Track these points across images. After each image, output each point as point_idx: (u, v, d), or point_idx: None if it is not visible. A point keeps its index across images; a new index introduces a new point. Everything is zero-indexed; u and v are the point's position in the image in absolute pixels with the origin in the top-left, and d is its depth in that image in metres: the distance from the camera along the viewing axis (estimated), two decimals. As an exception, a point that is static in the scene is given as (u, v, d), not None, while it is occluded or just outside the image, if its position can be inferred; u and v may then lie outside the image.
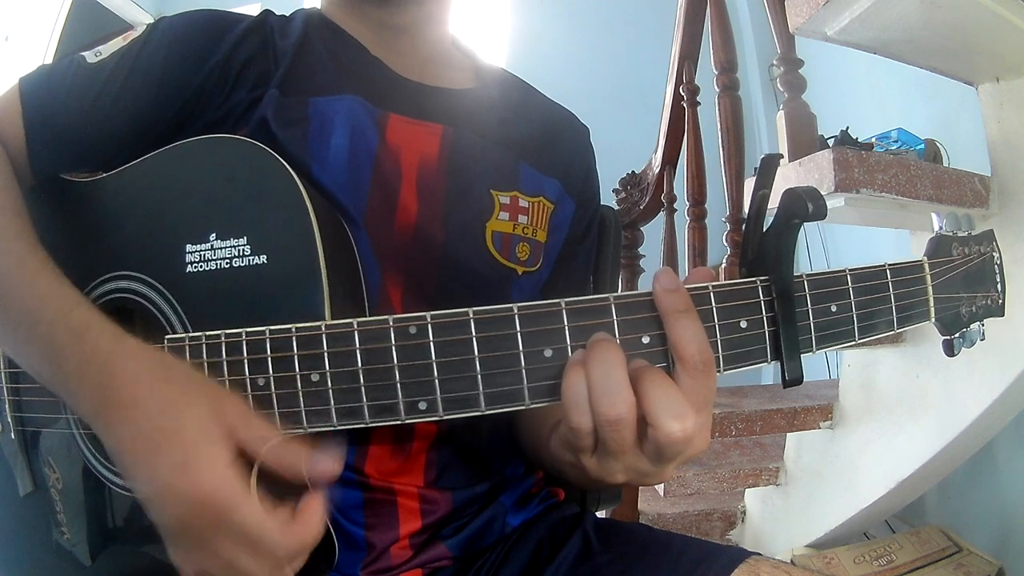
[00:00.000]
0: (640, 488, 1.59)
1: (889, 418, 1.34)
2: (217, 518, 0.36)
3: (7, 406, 0.56)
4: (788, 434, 1.54)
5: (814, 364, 0.46)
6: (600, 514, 0.79)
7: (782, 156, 0.62)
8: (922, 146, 1.41)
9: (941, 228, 0.51)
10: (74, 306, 0.44)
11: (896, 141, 1.39)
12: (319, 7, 0.67)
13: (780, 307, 0.40)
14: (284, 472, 0.38)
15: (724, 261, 1.45)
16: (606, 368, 0.37)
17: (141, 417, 0.38)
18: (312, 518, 0.39)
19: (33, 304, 0.44)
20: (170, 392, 0.39)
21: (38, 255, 0.47)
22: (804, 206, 0.38)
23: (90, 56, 0.56)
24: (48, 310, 0.43)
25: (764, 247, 0.41)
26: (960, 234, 0.51)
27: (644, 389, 0.37)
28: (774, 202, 0.41)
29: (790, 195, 0.39)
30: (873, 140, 1.40)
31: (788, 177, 1.13)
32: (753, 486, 1.60)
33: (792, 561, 1.43)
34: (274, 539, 0.37)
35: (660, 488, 1.54)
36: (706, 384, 0.38)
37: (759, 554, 0.55)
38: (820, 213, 0.38)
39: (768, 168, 0.41)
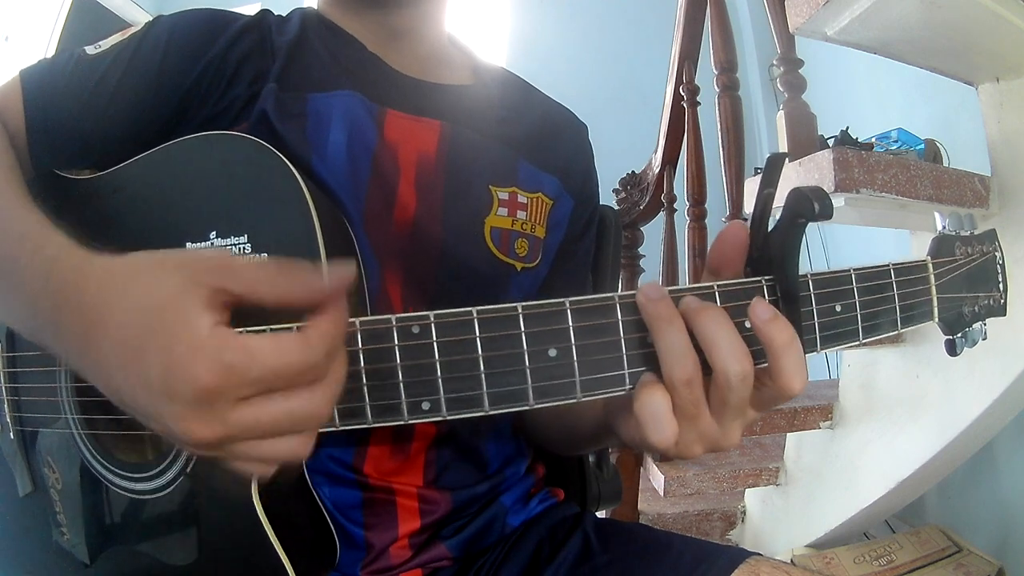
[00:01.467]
0: (640, 488, 1.60)
1: (889, 418, 1.35)
2: (235, 396, 0.32)
3: (6, 406, 0.56)
4: (788, 434, 1.54)
5: (814, 364, 0.46)
6: (600, 514, 0.79)
7: (787, 155, 0.62)
8: (922, 146, 1.41)
9: (944, 228, 0.51)
10: (45, 242, 0.41)
11: (896, 141, 1.39)
12: (316, 6, 0.67)
13: (785, 307, 0.40)
14: (289, 301, 0.34)
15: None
16: (673, 330, 0.37)
17: (115, 333, 0.34)
18: (327, 313, 0.34)
19: (13, 246, 0.42)
20: (138, 291, 0.34)
21: (17, 196, 0.46)
22: (811, 206, 0.38)
23: (90, 49, 0.57)
24: (23, 253, 0.41)
25: (769, 247, 0.41)
26: (963, 234, 0.51)
27: (702, 329, 0.37)
28: (779, 200, 0.41)
29: (796, 194, 0.39)
30: (873, 140, 1.40)
31: (788, 177, 1.12)
32: (753, 486, 1.60)
33: (792, 561, 1.43)
34: (300, 356, 0.33)
35: (660, 488, 1.54)
36: (690, 399, 0.38)
37: (759, 554, 0.55)
38: (827, 213, 0.38)
39: (773, 167, 0.41)
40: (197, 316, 0.32)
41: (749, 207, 1.43)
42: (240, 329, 0.34)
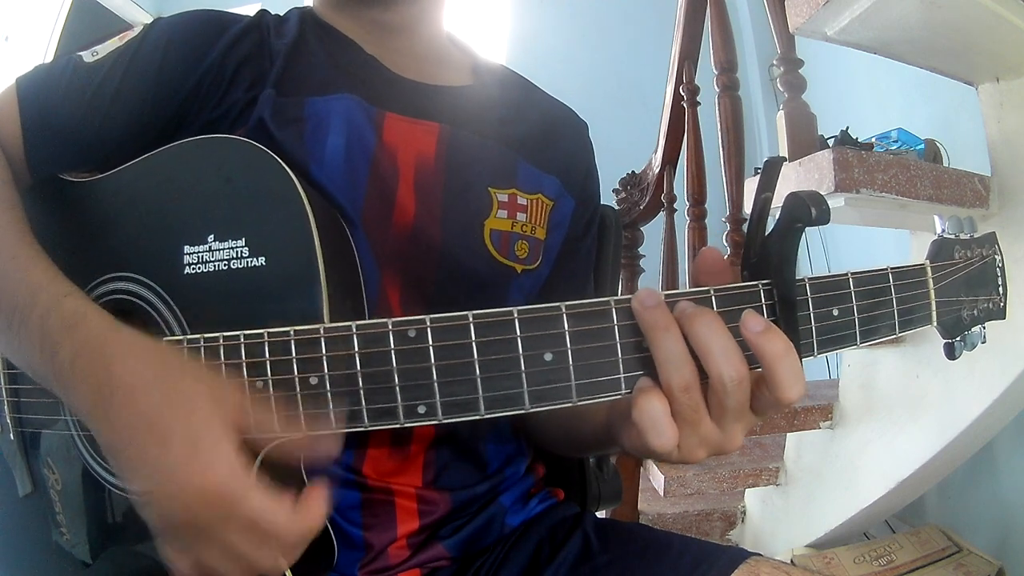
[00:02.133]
0: (640, 488, 1.60)
1: (889, 418, 1.35)
2: (227, 508, 0.36)
3: (6, 407, 0.56)
4: (788, 434, 1.54)
5: (814, 364, 0.46)
6: (600, 514, 0.79)
7: (785, 159, 0.62)
8: (922, 146, 1.41)
9: (943, 231, 0.51)
10: (66, 295, 0.43)
11: (896, 141, 1.39)
12: (311, 6, 0.67)
13: (782, 311, 0.40)
14: (284, 460, 0.39)
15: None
16: (672, 349, 0.38)
17: (141, 406, 0.37)
18: (316, 504, 0.39)
19: (26, 296, 0.43)
20: (171, 381, 0.38)
21: (31, 248, 0.47)
22: (807, 211, 0.38)
23: (87, 56, 0.56)
24: (41, 301, 0.42)
25: (766, 250, 0.41)
26: (962, 237, 0.51)
27: (695, 332, 0.38)
28: (777, 203, 0.41)
29: (794, 199, 0.39)
30: (873, 140, 1.40)
31: (788, 177, 1.12)
32: (753, 486, 1.60)
33: (792, 561, 1.43)
34: (281, 525, 0.37)
35: (660, 488, 1.54)
36: (689, 404, 0.38)
37: (759, 554, 0.55)
38: (823, 218, 0.38)
39: (771, 171, 0.41)
40: (226, 427, 0.37)
41: (749, 207, 1.43)
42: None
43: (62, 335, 0.41)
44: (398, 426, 0.39)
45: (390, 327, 0.38)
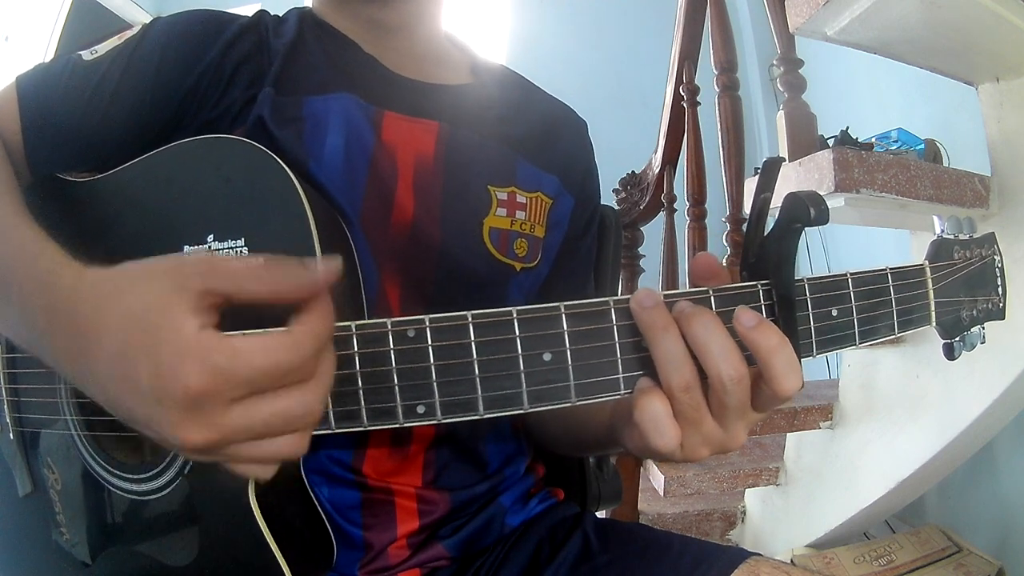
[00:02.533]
0: (640, 488, 1.60)
1: (889, 418, 1.34)
2: (225, 399, 0.32)
3: (6, 407, 0.56)
4: (788, 434, 1.54)
5: (814, 364, 0.46)
6: (600, 514, 0.79)
7: (784, 159, 0.62)
8: (922, 146, 1.41)
9: (942, 231, 0.51)
10: (39, 253, 0.41)
11: (896, 141, 1.39)
12: (310, 6, 0.67)
13: (781, 311, 0.40)
14: (278, 297, 0.34)
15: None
16: (671, 351, 0.38)
17: (109, 344, 0.34)
18: (312, 310, 0.34)
19: (8, 259, 0.42)
20: (127, 299, 0.34)
21: (15, 211, 0.46)
22: (806, 211, 0.38)
23: (86, 55, 0.56)
24: (19, 265, 0.41)
25: (765, 251, 0.41)
26: (961, 237, 0.51)
27: (693, 332, 0.38)
28: (777, 203, 0.41)
29: (792, 199, 0.39)
30: (873, 140, 1.40)
31: (788, 177, 1.12)
32: (753, 486, 1.60)
33: (792, 561, 1.43)
34: (289, 355, 0.33)
35: (660, 488, 1.54)
36: (690, 404, 0.38)
37: (759, 554, 0.55)
38: (822, 218, 0.38)
39: (770, 172, 0.41)
40: (183, 320, 0.32)
41: (748, 207, 1.43)
42: (229, 333, 0.34)
43: (37, 300, 0.39)
44: (397, 426, 0.39)
45: (389, 327, 0.38)
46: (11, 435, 0.56)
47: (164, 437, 0.34)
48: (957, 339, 0.50)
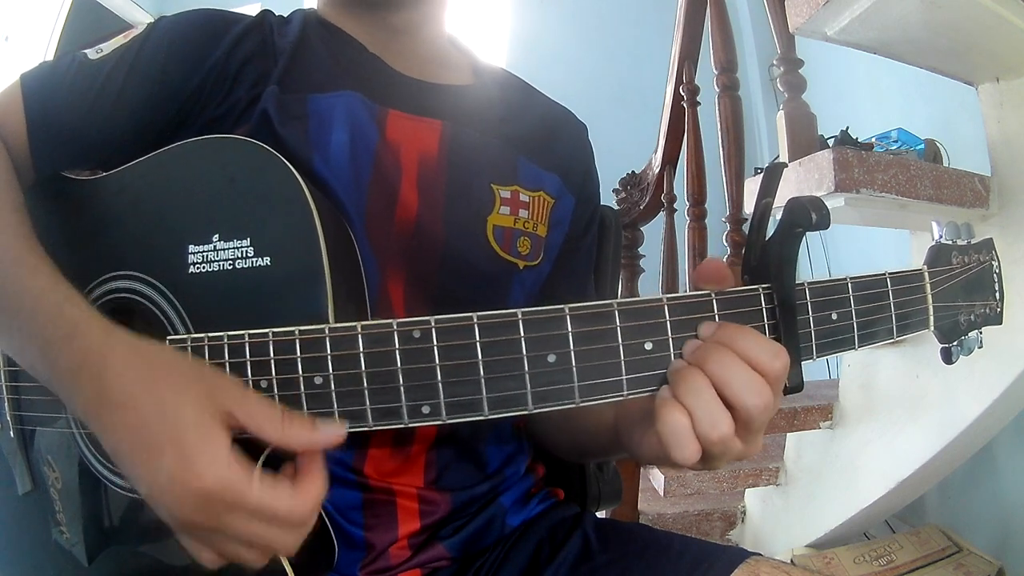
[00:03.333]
0: (640, 488, 1.60)
1: (889, 418, 1.35)
2: (230, 504, 0.37)
3: (6, 405, 0.56)
4: (788, 434, 1.55)
5: (814, 364, 0.47)
6: (600, 514, 0.79)
7: (786, 164, 0.63)
8: (922, 146, 1.41)
9: (941, 237, 0.51)
10: (65, 302, 0.43)
11: (896, 141, 1.40)
12: (315, 7, 0.67)
13: (781, 315, 0.40)
14: (289, 446, 0.39)
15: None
16: (697, 392, 0.38)
17: (134, 418, 0.38)
18: (315, 476, 0.40)
19: (29, 301, 0.44)
20: (161, 388, 0.39)
21: (36, 252, 0.47)
22: (808, 216, 0.39)
23: (91, 53, 0.56)
24: (43, 308, 0.43)
25: (767, 255, 0.41)
26: (960, 243, 0.51)
27: (714, 371, 0.38)
28: (778, 204, 0.41)
29: (794, 204, 0.39)
30: (873, 140, 1.41)
31: (788, 178, 1.13)
32: (753, 486, 1.60)
33: (792, 561, 1.43)
34: (287, 507, 0.38)
35: (660, 488, 1.54)
36: (724, 444, 0.39)
37: (759, 554, 0.55)
38: (823, 223, 0.39)
39: (772, 177, 0.41)
40: (218, 433, 0.38)
41: (749, 207, 1.44)
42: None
43: (62, 345, 0.41)
44: (402, 426, 0.39)
45: (395, 328, 0.38)
46: (11, 433, 0.56)
47: (160, 508, 0.38)
48: (955, 344, 0.51)
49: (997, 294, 0.53)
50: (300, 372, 0.40)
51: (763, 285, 0.41)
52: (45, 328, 0.42)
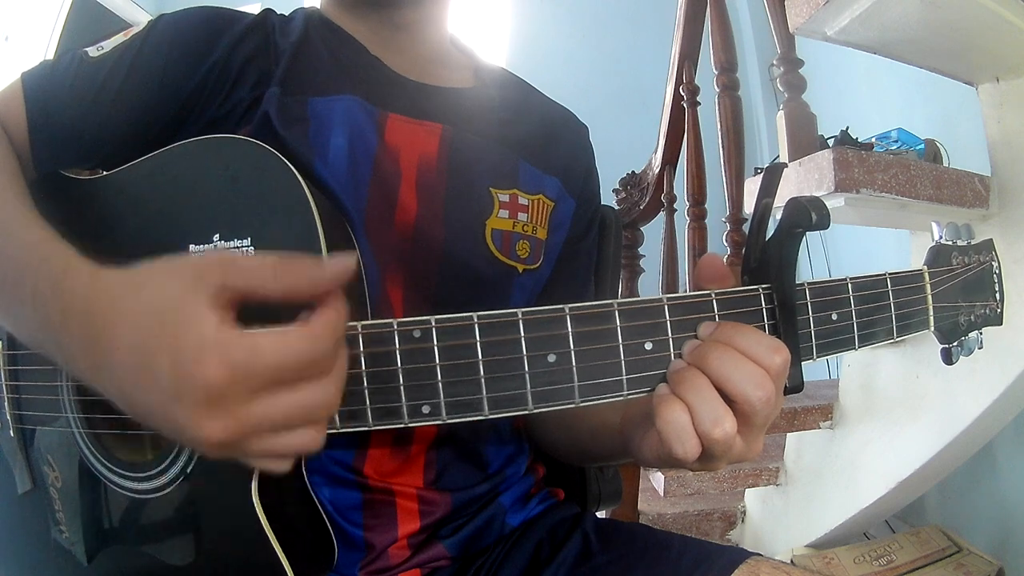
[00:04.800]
0: (640, 488, 1.60)
1: (889, 418, 1.35)
2: (244, 386, 0.33)
3: (7, 404, 0.56)
4: (788, 434, 1.55)
5: (814, 364, 0.47)
6: (600, 514, 0.79)
7: (786, 165, 0.63)
8: (922, 146, 1.41)
9: (941, 237, 0.51)
10: (52, 253, 0.41)
11: (896, 141, 1.39)
12: (318, 6, 0.67)
13: (781, 315, 0.40)
14: (298, 293, 0.35)
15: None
16: (698, 389, 0.38)
17: (125, 339, 0.34)
18: (329, 306, 0.35)
19: (20, 257, 0.42)
20: (146, 294, 0.35)
21: (25, 208, 0.46)
22: (808, 216, 0.39)
23: (92, 51, 0.56)
24: (33, 263, 0.41)
25: (766, 255, 0.41)
26: (960, 243, 0.52)
27: (714, 368, 0.38)
28: (778, 205, 0.41)
29: (794, 205, 0.39)
30: (873, 140, 1.40)
31: (788, 177, 1.13)
32: (753, 486, 1.60)
33: (792, 561, 1.43)
34: (308, 348, 0.33)
35: (660, 488, 1.54)
36: (725, 443, 0.38)
37: (759, 554, 0.55)
38: (823, 223, 0.39)
39: (772, 177, 0.41)
40: (202, 315, 0.33)
41: (749, 207, 1.44)
42: (248, 331, 0.34)
43: (50, 297, 0.39)
44: (402, 426, 0.39)
45: (395, 327, 0.38)
46: (11, 432, 0.57)
47: (183, 433, 0.34)
48: (955, 344, 0.51)
49: (997, 295, 0.53)
50: (300, 371, 0.40)
51: (763, 285, 0.41)
52: (35, 282, 0.40)
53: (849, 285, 0.43)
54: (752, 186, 1.43)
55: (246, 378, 0.32)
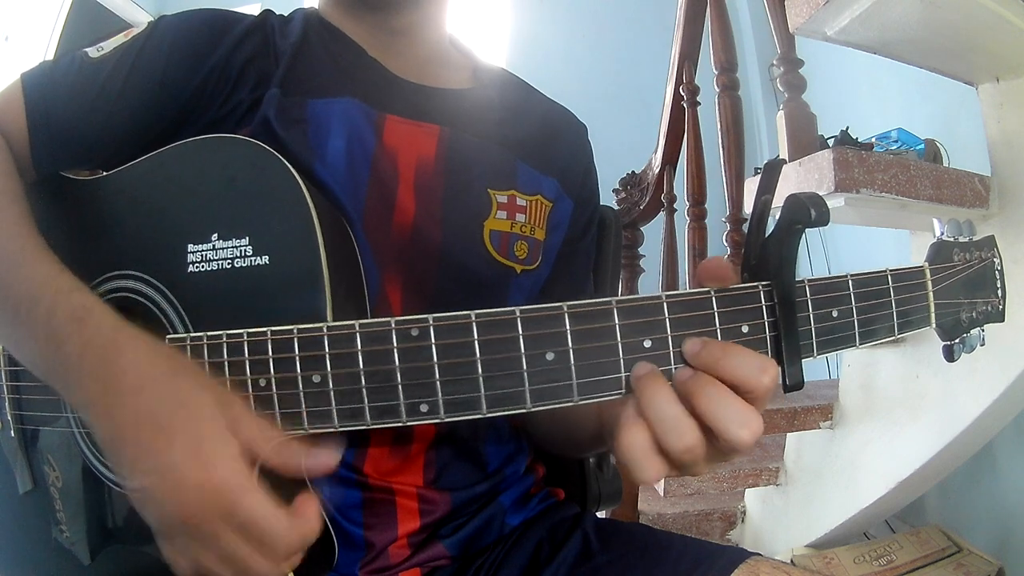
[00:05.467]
0: (640, 488, 1.60)
1: (889, 418, 1.35)
2: (225, 508, 0.36)
3: (7, 404, 0.56)
4: (788, 434, 1.55)
5: (814, 364, 0.46)
6: (600, 514, 0.79)
7: (785, 161, 0.63)
8: (922, 146, 1.41)
9: (942, 234, 0.51)
10: (74, 290, 0.43)
11: (896, 141, 1.39)
12: (316, 7, 0.67)
13: (781, 312, 0.40)
14: (284, 469, 0.38)
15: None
16: (662, 405, 0.37)
17: (149, 403, 0.37)
18: (311, 513, 0.39)
19: (33, 288, 0.43)
20: (178, 381, 0.38)
21: (37, 241, 0.47)
22: (807, 212, 0.38)
23: (92, 52, 0.56)
24: (48, 293, 0.43)
25: (766, 252, 0.41)
26: (961, 240, 0.51)
27: (704, 406, 0.37)
28: (777, 204, 0.41)
29: (793, 201, 0.39)
30: (873, 140, 1.40)
31: (788, 177, 1.13)
32: (753, 486, 1.60)
33: (792, 561, 1.43)
34: (279, 531, 0.37)
35: (660, 488, 1.54)
36: (690, 459, 0.38)
37: (759, 554, 0.55)
38: (823, 219, 0.38)
39: (771, 174, 0.41)
40: (231, 438, 0.37)
41: (749, 207, 1.43)
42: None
43: (69, 329, 0.41)
44: (400, 424, 0.39)
45: (393, 326, 0.38)
46: (12, 432, 0.57)
47: (155, 496, 0.37)
48: (957, 341, 0.50)
49: (999, 291, 0.53)
50: (299, 371, 0.40)
51: (763, 282, 0.41)
52: (50, 314, 0.42)
53: (850, 282, 0.43)
54: (752, 186, 1.43)
55: (233, 505, 0.36)
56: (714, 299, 0.40)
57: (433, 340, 0.38)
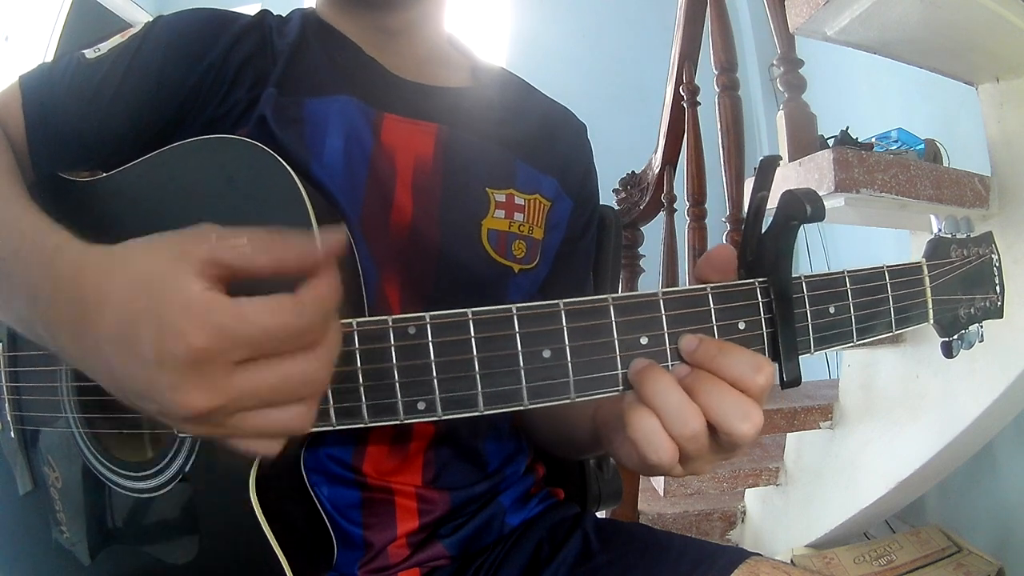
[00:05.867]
0: (640, 488, 1.60)
1: (889, 418, 1.35)
2: (229, 350, 0.31)
3: (7, 404, 0.56)
4: (788, 434, 1.55)
5: (814, 364, 0.46)
6: (600, 514, 0.79)
7: (781, 158, 0.62)
8: (922, 146, 1.41)
9: (940, 230, 0.51)
10: (45, 237, 0.41)
11: (896, 141, 1.39)
12: (314, 7, 0.67)
13: (778, 308, 0.40)
14: (283, 269, 0.33)
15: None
16: (664, 393, 0.38)
17: (110, 313, 0.33)
18: (321, 277, 0.33)
19: (11, 245, 0.42)
20: (133, 267, 0.34)
21: (23, 197, 0.46)
22: (803, 208, 0.38)
23: (89, 53, 0.56)
24: (26, 243, 0.41)
25: (763, 248, 0.41)
26: (959, 236, 0.51)
27: (704, 402, 0.37)
28: (773, 203, 0.41)
29: (789, 197, 0.39)
30: (873, 140, 1.40)
31: (788, 177, 1.13)
32: (753, 486, 1.60)
33: (792, 561, 1.43)
34: (296, 315, 0.32)
35: (660, 488, 1.54)
36: (696, 448, 0.38)
37: (759, 554, 0.55)
38: (818, 215, 0.39)
39: (767, 170, 0.41)
40: (187, 281, 0.32)
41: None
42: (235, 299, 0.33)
43: (42, 274, 0.38)
44: (398, 422, 0.39)
45: (390, 324, 0.38)
46: (11, 433, 0.57)
47: (164, 404, 0.32)
48: (955, 337, 0.50)
49: (997, 287, 0.53)
50: (297, 369, 0.40)
51: (760, 279, 0.41)
52: (28, 261, 0.40)
53: (847, 278, 0.43)
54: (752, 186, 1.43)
55: (231, 344, 0.31)
56: (710, 296, 0.40)
57: (430, 338, 0.38)
